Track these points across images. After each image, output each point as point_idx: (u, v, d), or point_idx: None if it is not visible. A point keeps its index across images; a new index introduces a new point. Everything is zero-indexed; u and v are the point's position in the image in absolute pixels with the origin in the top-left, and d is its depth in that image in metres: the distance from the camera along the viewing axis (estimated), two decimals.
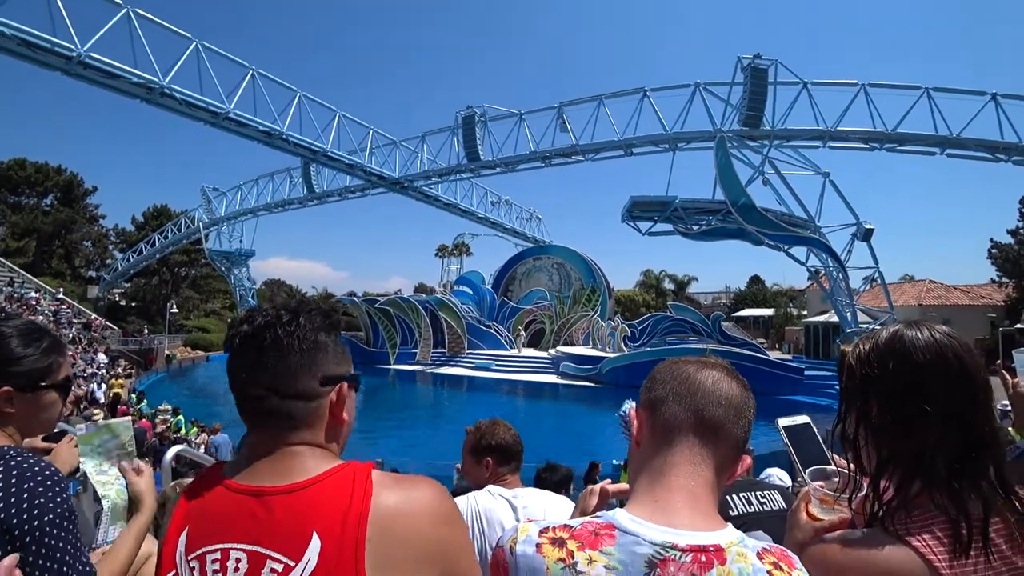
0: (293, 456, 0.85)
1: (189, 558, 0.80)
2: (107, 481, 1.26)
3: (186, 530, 0.83)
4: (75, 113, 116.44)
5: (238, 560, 0.78)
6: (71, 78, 18.90)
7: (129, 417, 1.44)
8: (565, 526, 0.77)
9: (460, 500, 1.79)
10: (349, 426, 0.94)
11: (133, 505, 1.27)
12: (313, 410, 0.88)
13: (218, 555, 0.79)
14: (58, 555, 0.97)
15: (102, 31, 18.83)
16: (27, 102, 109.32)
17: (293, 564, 0.76)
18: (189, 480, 2.48)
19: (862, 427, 0.87)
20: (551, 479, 3.46)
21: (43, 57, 17.78)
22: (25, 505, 0.97)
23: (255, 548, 0.78)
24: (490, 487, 1.92)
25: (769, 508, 1.58)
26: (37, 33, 17.18)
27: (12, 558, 0.90)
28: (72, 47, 17.69)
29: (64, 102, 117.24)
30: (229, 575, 0.78)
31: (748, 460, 0.88)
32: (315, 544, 0.76)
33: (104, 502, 1.27)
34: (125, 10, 19.37)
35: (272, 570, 0.76)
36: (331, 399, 0.90)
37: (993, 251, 30.31)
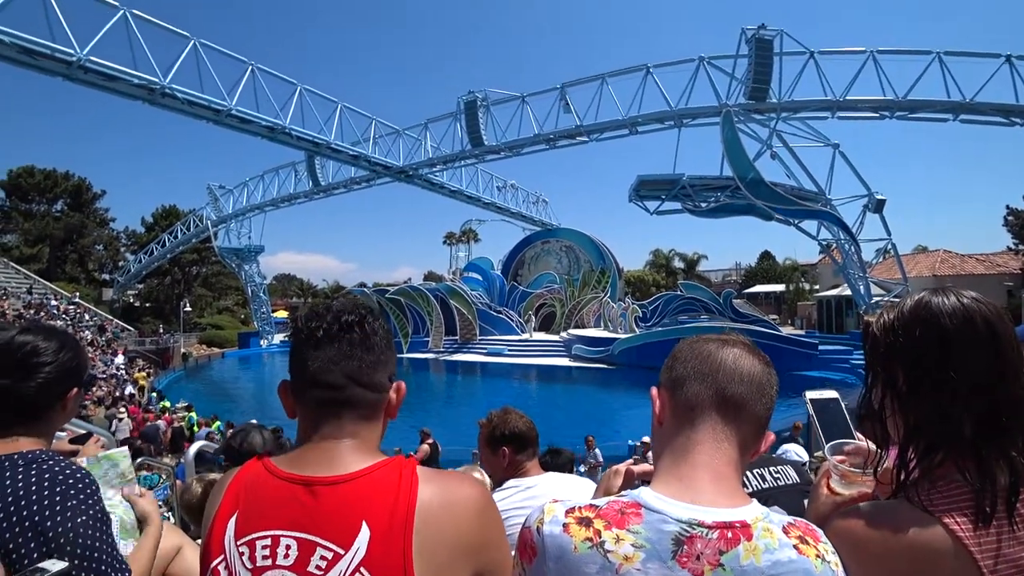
0: (343, 448, 0.88)
1: (239, 543, 0.82)
2: (112, 505, 1.30)
3: (235, 516, 0.85)
4: (78, 118, 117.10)
5: (288, 547, 0.80)
6: (72, 83, 18.94)
7: (125, 448, 1.49)
8: (591, 505, 0.78)
9: None
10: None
11: (142, 524, 1.33)
12: (379, 403, 0.94)
13: (268, 541, 0.81)
14: (95, 555, 1.00)
15: (100, 34, 18.76)
16: (30, 109, 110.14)
17: (343, 552, 0.78)
18: (213, 475, 2.55)
19: (889, 396, 0.85)
20: (554, 463, 3.49)
21: (43, 63, 17.78)
22: (58, 508, 0.99)
23: (305, 535, 0.80)
24: (509, 482, 1.91)
25: (783, 483, 1.59)
26: (36, 40, 17.16)
27: None
28: (72, 52, 17.68)
29: (66, 107, 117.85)
30: (279, 561, 0.80)
31: (771, 436, 0.88)
32: (364, 533, 0.78)
33: (111, 517, 1.32)
34: (122, 12, 19.31)
35: (322, 557, 0.78)
36: (391, 396, 0.95)
37: (1009, 218, 29.74)
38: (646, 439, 9.67)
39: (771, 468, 1.60)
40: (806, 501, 1.53)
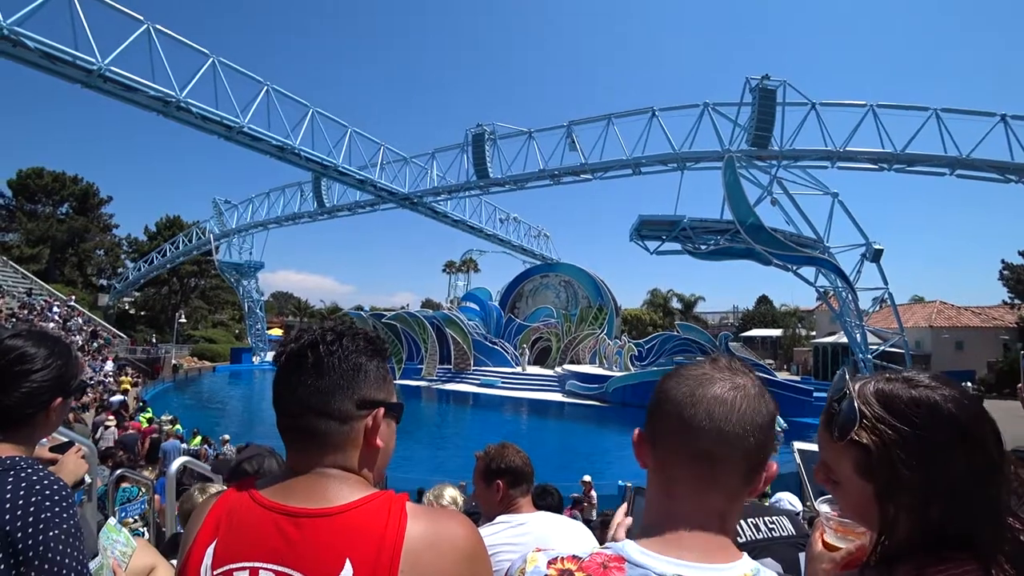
0: (328, 479, 0.85)
1: (216, 573, 0.79)
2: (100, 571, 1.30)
3: (214, 543, 0.82)
4: (93, 124, 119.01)
5: None
6: (91, 91, 19.29)
7: (144, 542, 1.56)
8: (573, 557, 0.75)
9: None
10: (387, 455, 0.93)
11: None
12: (347, 433, 0.87)
13: (246, 573, 0.78)
14: (64, 572, 0.97)
15: (123, 46, 19.22)
16: (48, 112, 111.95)
17: None
18: (214, 487, 2.50)
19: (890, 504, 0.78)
20: (548, 504, 3.39)
21: (64, 70, 18.15)
22: (31, 519, 0.97)
23: (285, 569, 0.77)
24: (499, 517, 1.89)
25: (778, 534, 1.55)
26: (59, 46, 17.57)
27: None
28: (93, 60, 18.07)
29: (83, 113, 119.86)
30: None
31: (774, 467, 0.79)
32: (347, 572, 0.75)
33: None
34: (145, 26, 19.82)
35: None
36: (367, 424, 0.89)
37: (1005, 272, 30.06)
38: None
39: (766, 518, 1.57)
40: (801, 555, 1.49)
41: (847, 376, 0.84)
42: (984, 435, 0.74)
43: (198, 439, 12.86)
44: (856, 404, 0.78)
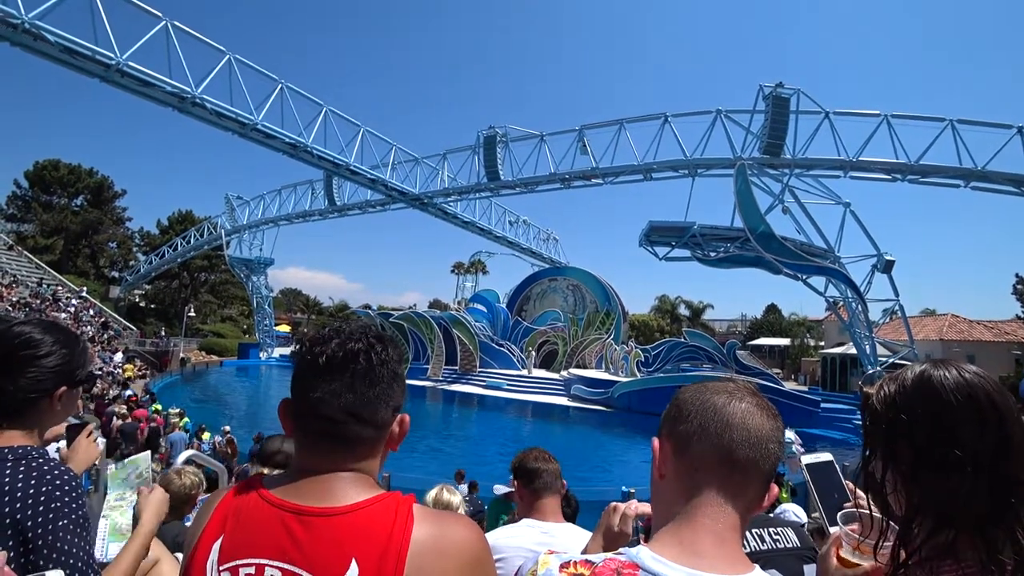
0: (339, 479, 0.85)
1: (221, 569, 0.79)
2: (121, 507, 1.30)
3: (220, 539, 0.82)
4: (110, 118, 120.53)
5: None
6: (108, 85, 19.53)
7: (148, 452, 1.52)
8: (587, 561, 0.75)
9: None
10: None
11: (136, 521, 1.30)
12: (378, 438, 0.89)
13: (252, 570, 0.78)
14: (71, 561, 0.98)
15: (141, 41, 19.44)
16: (66, 106, 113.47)
17: None
18: (190, 469, 2.53)
19: (890, 472, 0.82)
20: (566, 509, 3.35)
21: (83, 64, 18.37)
22: (41, 508, 0.99)
23: (291, 567, 0.77)
24: (525, 520, 1.91)
25: (783, 546, 1.54)
26: (79, 41, 17.78)
27: (1, 555, 0.90)
28: (111, 56, 18.28)
29: (100, 107, 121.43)
30: None
31: (775, 489, 0.83)
32: (353, 571, 0.75)
33: (103, 520, 1.30)
34: (164, 22, 20.05)
35: None
36: (394, 429, 0.92)
37: (1018, 286, 29.64)
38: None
39: (771, 529, 1.56)
40: (806, 567, 1.48)
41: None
42: (972, 415, 0.77)
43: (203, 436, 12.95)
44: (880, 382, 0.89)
